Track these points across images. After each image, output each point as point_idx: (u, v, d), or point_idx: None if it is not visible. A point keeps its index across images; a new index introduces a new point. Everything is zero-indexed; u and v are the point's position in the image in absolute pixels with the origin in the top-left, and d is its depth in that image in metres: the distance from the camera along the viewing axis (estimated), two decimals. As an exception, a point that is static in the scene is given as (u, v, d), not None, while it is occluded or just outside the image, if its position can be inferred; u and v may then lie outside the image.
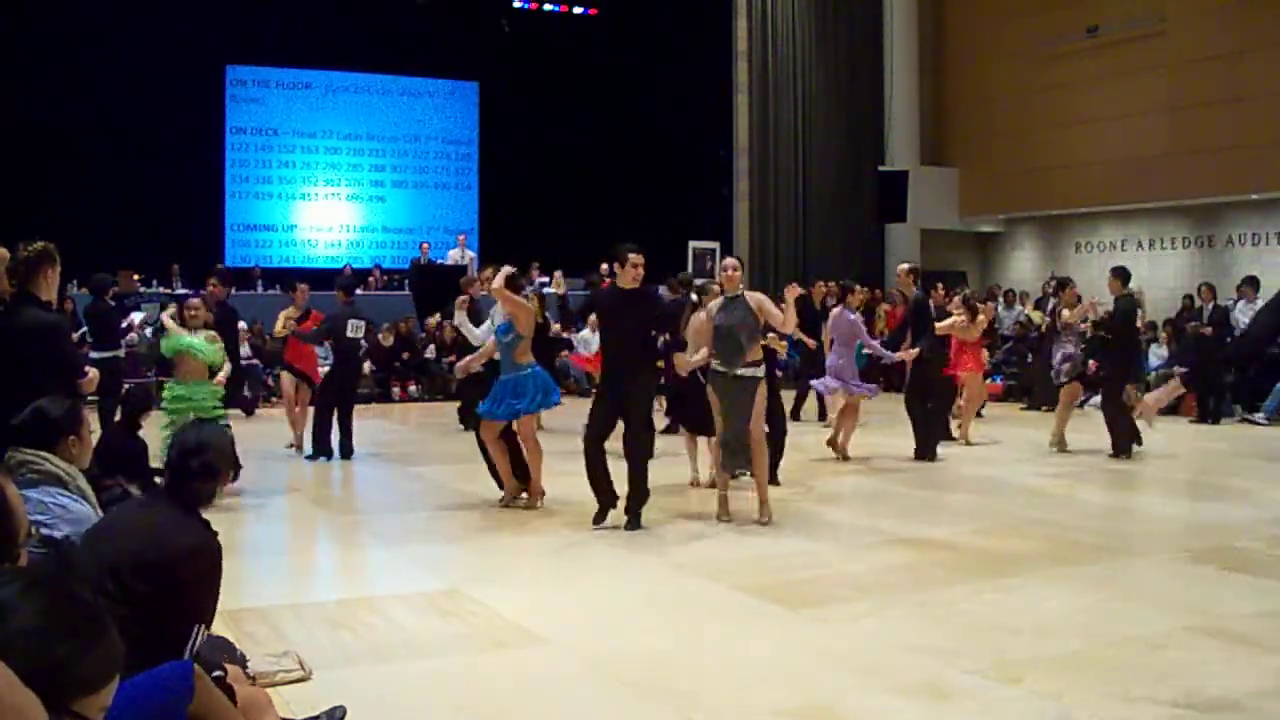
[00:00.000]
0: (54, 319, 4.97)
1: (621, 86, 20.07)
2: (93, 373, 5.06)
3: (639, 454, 6.87)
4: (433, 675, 4.22)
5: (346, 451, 9.99)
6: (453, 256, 18.23)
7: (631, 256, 6.87)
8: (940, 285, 13.14)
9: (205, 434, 3.34)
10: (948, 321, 10.45)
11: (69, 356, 4.98)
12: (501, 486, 7.81)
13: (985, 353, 12.56)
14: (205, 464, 3.20)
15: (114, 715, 1.60)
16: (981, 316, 11.21)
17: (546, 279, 16.30)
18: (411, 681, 4.13)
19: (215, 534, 3.18)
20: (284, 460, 9.97)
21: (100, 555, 3.00)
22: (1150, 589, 5.51)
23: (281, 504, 8.14)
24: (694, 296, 8.10)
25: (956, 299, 11.36)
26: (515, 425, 7.62)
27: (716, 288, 7.81)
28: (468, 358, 8.42)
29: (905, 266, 10.67)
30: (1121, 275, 10.40)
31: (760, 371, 7.01)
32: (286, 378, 10.66)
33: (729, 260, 7.29)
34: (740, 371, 6.89)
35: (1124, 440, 10.04)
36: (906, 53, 20.51)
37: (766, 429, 7.36)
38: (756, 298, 7.09)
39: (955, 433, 11.12)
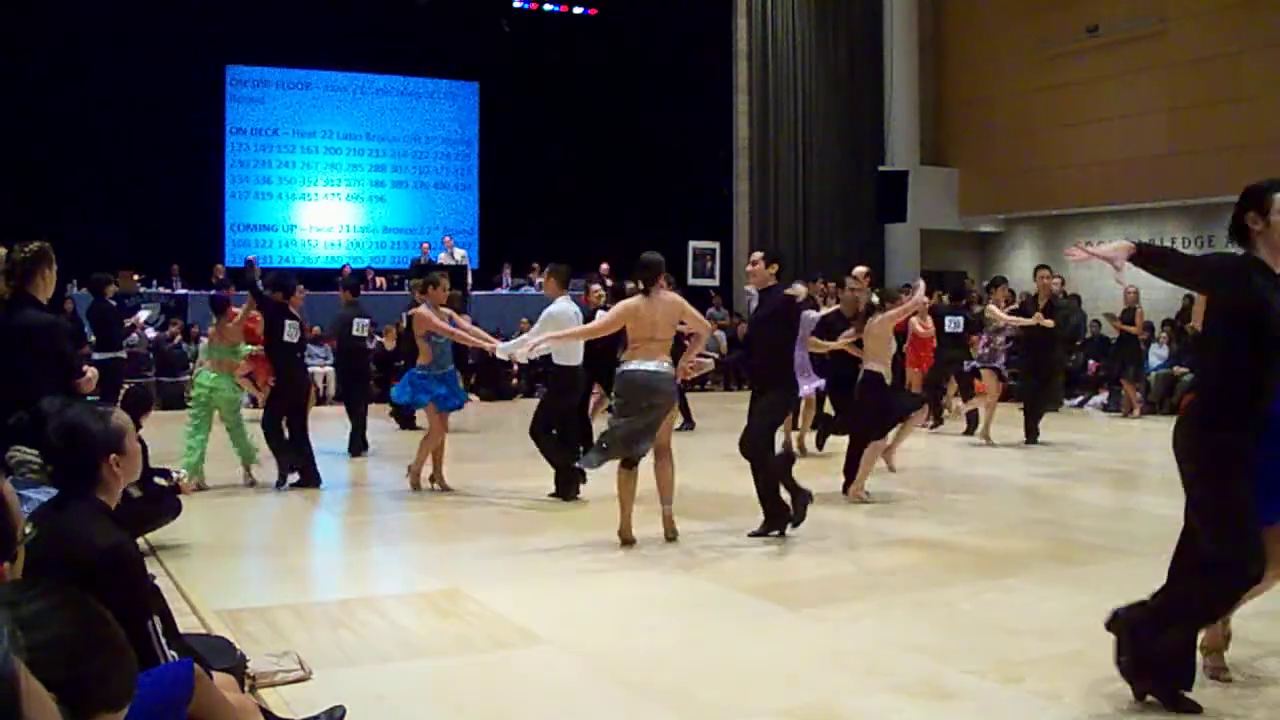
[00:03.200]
0: (50, 319, 4.97)
1: (621, 86, 20.06)
2: (91, 373, 5.05)
3: (752, 461, 6.63)
4: (433, 675, 4.22)
5: (360, 447, 10.32)
6: (443, 259, 18.23)
7: (751, 255, 7.06)
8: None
9: (54, 412, 3.05)
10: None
11: (66, 357, 4.97)
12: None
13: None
14: (45, 443, 2.89)
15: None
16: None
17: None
18: (411, 681, 4.13)
19: (119, 525, 2.85)
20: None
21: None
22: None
23: (281, 504, 8.14)
24: (874, 299, 8.13)
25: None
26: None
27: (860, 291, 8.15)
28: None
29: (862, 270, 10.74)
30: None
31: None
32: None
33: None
34: None
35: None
36: (906, 53, 20.51)
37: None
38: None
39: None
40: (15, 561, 2.07)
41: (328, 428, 10.89)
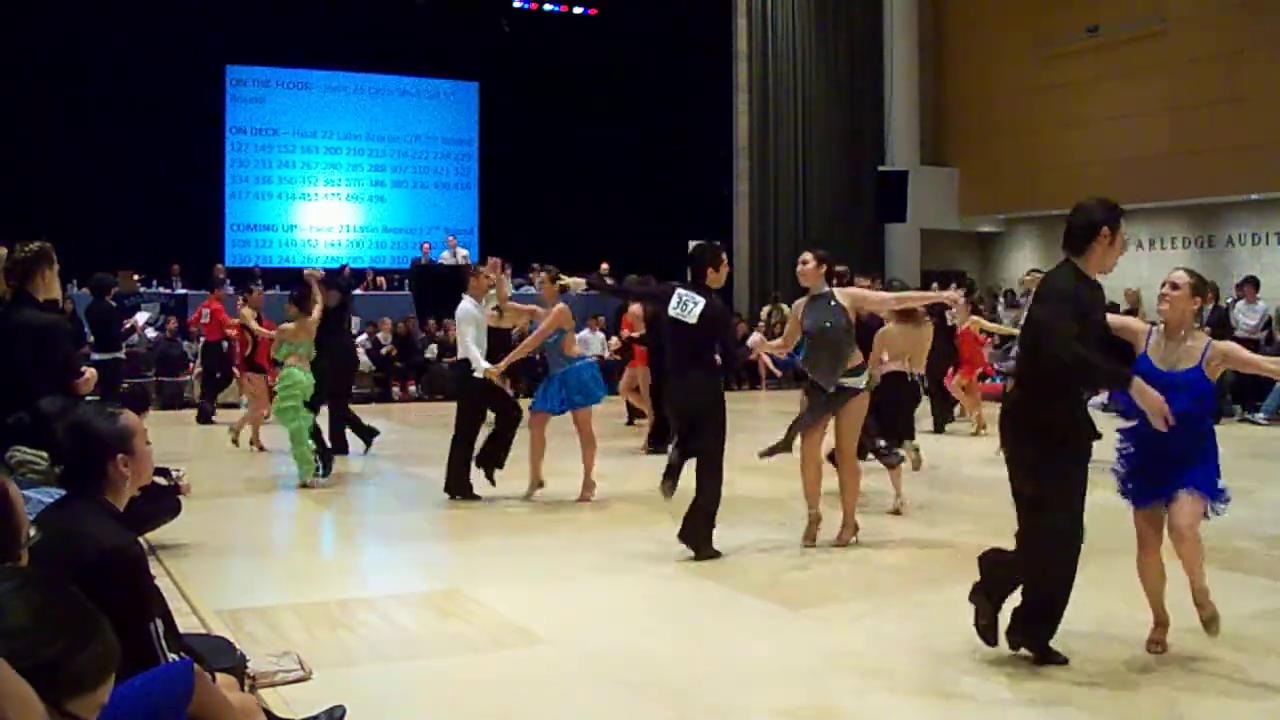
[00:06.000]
0: (50, 319, 4.97)
1: (621, 86, 20.06)
2: (89, 373, 5.05)
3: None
4: (433, 675, 4.22)
5: (345, 447, 10.18)
6: (445, 258, 18.26)
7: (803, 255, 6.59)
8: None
9: (58, 412, 3.09)
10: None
11: (65, 357, 4.97)
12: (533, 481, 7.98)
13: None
14: (53, 442, 2.93)
15: (114, 715, 1.60)
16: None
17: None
18: (411, 681, 4.13)
19: (125, 526, 2.85)
20: (284, 460, 9.96)
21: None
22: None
23: (281, 503, 8.14)
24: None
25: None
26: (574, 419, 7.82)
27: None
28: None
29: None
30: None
31: (859, 382, 6.28)
32: (259, 380, 10.67)
33: (805, 254, 6.43)
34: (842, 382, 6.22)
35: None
36: (906, 53, 20.51)
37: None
38: (849, 293, 6.47)
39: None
40: (19, 563, 2.07)
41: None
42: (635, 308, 11.53)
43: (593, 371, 7.95)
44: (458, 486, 7.89)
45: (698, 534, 6.05)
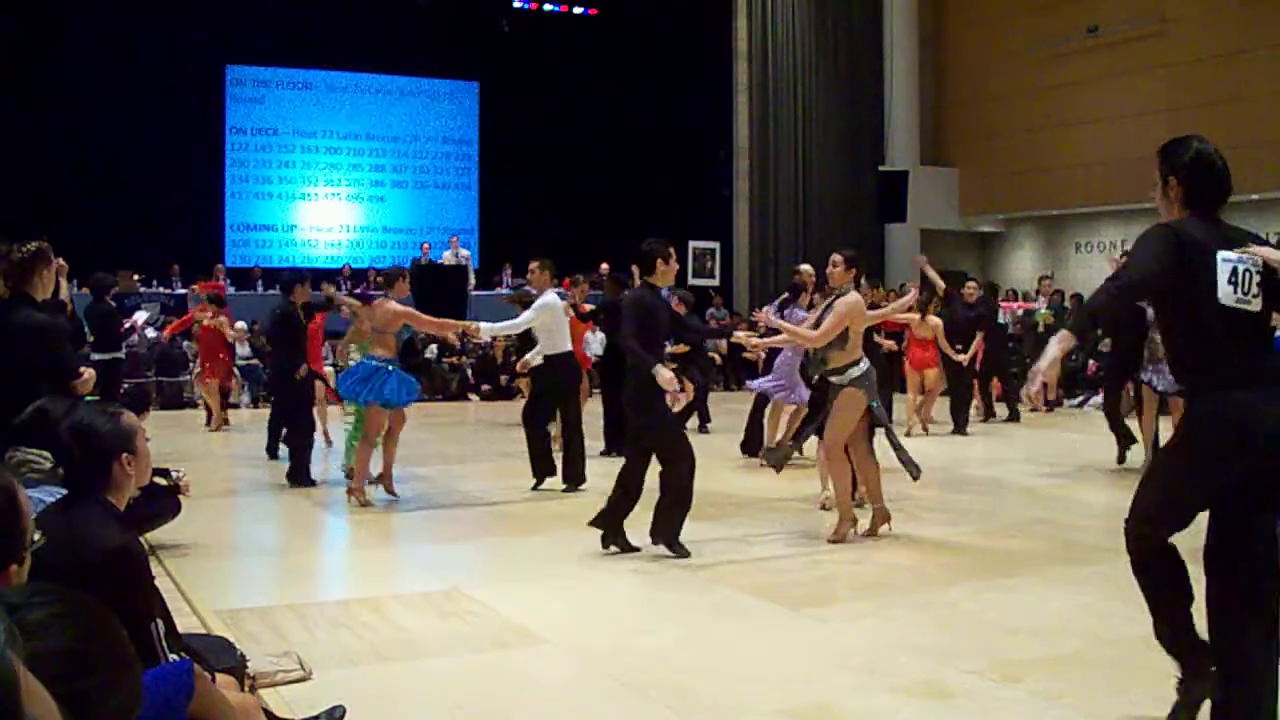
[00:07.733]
0: (47, 320, 4.97)
1: (621, 86, 20.06)
2: (88, 373, 5.05)
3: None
4: (433, 675, 4.22)
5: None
6: (447, 258, 18.27)
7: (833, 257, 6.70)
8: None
9: (62, 413, 3.05)
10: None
11: (63, 357, 4.97)
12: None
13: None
14: (56, 443, 2.90)
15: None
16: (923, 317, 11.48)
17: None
18: (411, 681, 4.13)
19: (126, 527, 2.82)
20: (285, 460, 9.96)
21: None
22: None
23: (281, 503, 8.14)
24: None
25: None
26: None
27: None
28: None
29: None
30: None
31: (844, 378, 6.45)
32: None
33: (834, 256, 6.63)
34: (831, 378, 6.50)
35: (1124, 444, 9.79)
36: (906, 53, 20.53)
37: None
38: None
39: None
40: (23, 565, 2.06)
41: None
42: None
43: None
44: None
45: (663, 526, 6.19)
